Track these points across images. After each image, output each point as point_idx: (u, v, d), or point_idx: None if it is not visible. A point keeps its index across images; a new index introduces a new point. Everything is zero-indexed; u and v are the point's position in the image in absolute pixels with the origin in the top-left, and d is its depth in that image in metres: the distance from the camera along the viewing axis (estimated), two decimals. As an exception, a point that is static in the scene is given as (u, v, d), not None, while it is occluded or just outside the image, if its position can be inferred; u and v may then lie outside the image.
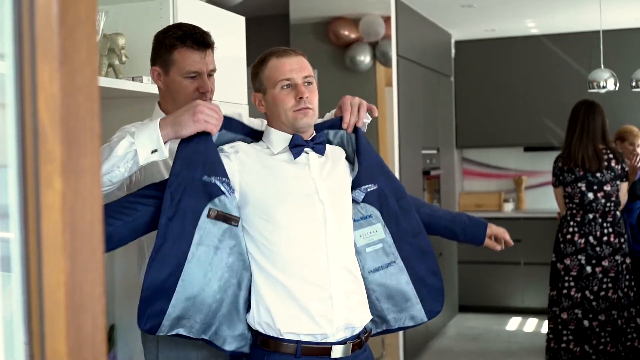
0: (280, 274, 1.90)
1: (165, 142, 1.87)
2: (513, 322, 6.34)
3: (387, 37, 4.99)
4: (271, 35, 5.24)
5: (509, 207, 6.86)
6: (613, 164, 4.44)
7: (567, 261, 4.46)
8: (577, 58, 6.49)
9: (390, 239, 2.06)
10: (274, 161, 1.98)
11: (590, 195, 4.43)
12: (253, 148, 2.01)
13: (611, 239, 4.41)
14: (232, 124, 2.04)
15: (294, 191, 1.95)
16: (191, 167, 1.87)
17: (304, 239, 1.93)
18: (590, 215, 4.44)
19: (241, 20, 3.09)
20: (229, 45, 3.00)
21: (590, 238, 4.42)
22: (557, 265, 4.52)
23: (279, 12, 5.34)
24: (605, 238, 4.41)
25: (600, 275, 4.39)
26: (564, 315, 4.45)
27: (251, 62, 2.10)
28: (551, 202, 6.16)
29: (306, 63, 2.02)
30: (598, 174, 4.42)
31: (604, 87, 4.69)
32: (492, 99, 6.83)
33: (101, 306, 0.81)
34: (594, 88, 4.72)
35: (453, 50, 6.87)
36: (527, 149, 6.90)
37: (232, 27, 3.04)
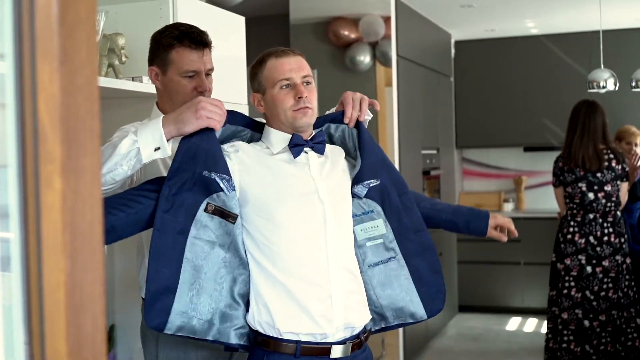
0: (280, 274, 1.90)
1: (168, 140, 1.87)
2: (513, 322, 6.35)
3: (387, 37, 4.99)
4: (271, 35, 5.24)
5: (508, 207, 6.86)
6: (614, 164, 4.44)
7: (568, 261, 4.46)
8: (577, 58, 6.49)
9: (392, 234, 2.06)
10: (274, 161, 1.98)
11: (591, 195, 4.43)
12: (253, 148, 2.02)
13: (611, 239, 4.41)
14: (236, 117, 2.05)
15: (294, 191, 1.95)
16: (192, 162, 1.88)
17: (304, 238, 1.93)
18: (590, 215, 4.44)
19: (241, 20, 3.09)
20: (229, 45, 3.00)
21: (591, 238, 4.42)
22: (557, 265, 4.52)
23: (279, 12, 5.34)
24: (605, 238, 4.41)
25: (601, 276, 4.39)
26: (565, 315, 4.45)
27: (251, 62, 2.10)
28: (551, 202, 6.16)
29: (304, 63, 2.02)
30: (599, 174, 4.42)
31: (603, 87, 4.69)
32: (492, 99, 6.83)
33: (101, 306, 0.81)
34: (593, 88, 4.72)
35: (453, 50, 6.87)
36: (527, 149, 6.90)
37: (232, 27, 3.05)
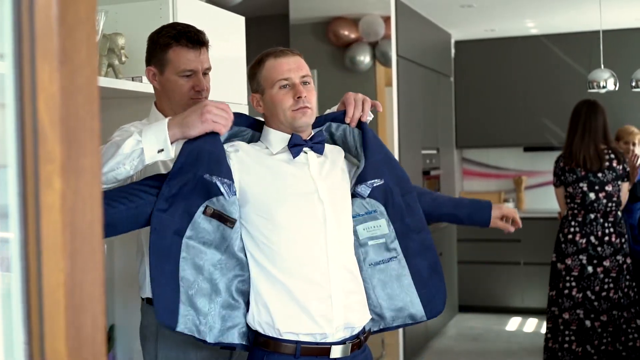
0: (280, 273, 1.90)
1: (172, 143, 1.87)
2: (513, 322, 6.35)
3: (387, 37, 4.99)
4: (271, 35, 5.24)
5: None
6: (614, 164, 4.44)
7: (569, 261, 4.46)
8: (577, 58, 6.49)
9: (394, 234, 2.06)
10: (273, 161, 1.98)
11: (592, 195, 4.43)
12: (252, 148, 2.01)
13: (612, 239, 4.41)
14: (241, 118, 2.04)
15: (293, 190, 1.95)
16: (194, 164, 1.87)
17: (304, 238, 1.93)
18: (591, 215, 4.44)
19: (241, 20, 3.09)
20: (229, 45, 3.00)
21: (592, 238, 4.42)
22: (558, 265, 4.52)
23: (279, 12, 5.34)
24: (606, 238, 4.41)
25: (602, 276, 4.39)
26: (566, 316, 4.45)
27: (251, 62, 2.10)
28: (551, 202, 6.16)
29: (303, 63, 2.02)
30: (600, 174, 4.42)
31: (604, 87, 4.69)
32: (492, 99, 6.83)
33: (101, 306, 0.81)
34: (594, 88, 4.72)
35: (453, 50, 6.87)
36: (527, 149, 6.90)
37: (232, 27, 3.04)
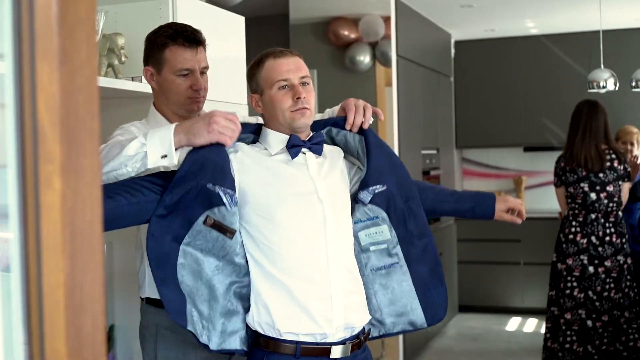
0: (280, 273, 1.90)
1: (177, 149, 1.85)
2: (513, 322, 6.35)
3: (387, 37, 4.99)
4: (271, 35, 5.24)
5: (508, 207, 6.85)
6: (616, 164, 4.44)
7: (570, 261, 4.45)
8: (577, 58, 6.49)
9: (396, 240, 2.05)
10: (272, 162, 1.98)
11: (593, 195, 4.43)
12: (252, 149, 2.01)
13: (613, 239, 4.41)
14: (247, 127, 2.03)
15: (293, 190, 1.95)
16: (198, 173, 1.85)
17: (304, 238, 1.93)
18: (592, 216, 4.44)
19: (241, 20, 3.09)
20: (229, 45, 3.00)
21: (593, 238, 4.42)
22: (558, 266, 4.52)
23: (279, 12, 5.34)
24: (607, 238, 4.41)
25: (603, 276, 4.39)
26: (568, 316, 4.44)
27: (251, 62, 2.10)
28: (551, 202, 6.16)
29: (302, 63, 2.01)
30: (601, 174, 4.42)
31: (603, 87, 4.69)
32: (492, 99, 6.83)
33: (101, 306, 0.81)
34: (594, 88, 4.72)
35: (453, 51, 6.87)
36: (527, 149, 6.90)
37: (232, 27, 3.04)
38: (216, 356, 2.11)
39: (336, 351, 1.92)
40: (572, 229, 4.47)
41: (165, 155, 1.84)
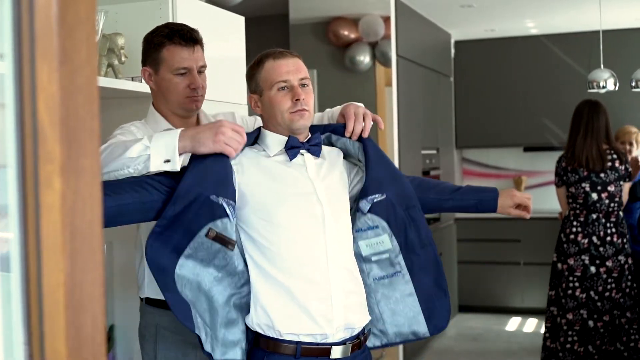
0: (280, 274, 1.90)
1: (181, 155, 1.84)
2: (513, 322, 6.35)
3: (387, 37, 4.99)
4: (271, 36, 5.23)
5: (508, 207, 6.84)
6: (617, 164, 4.44)
7: (571, 261, 4.45)
8: (577, 58, 6.49)
9: (398, 249, 2.05)
10: (271, 163, 1.98)
11: (594, 195, 4.43)
12: (250, 150, 2.01)
13: (614, 239, 4.41)
14: (250, 135, 2.02)
15: (292, 191, 1.95)
16: (202, 184, 1.85)
17: (304, 238, 1.93)
18: (593, 216, 4.44)
19: (241, 20, 3.09)
20: (229, 45, 3.00)
21: (594, 238, 4.42)
22: (559, 266, 4.51)
23: (279, 12, 5.34)
24: (608, 238, 4.41)
25: (605, 276, 4.39)
26: (569, 316, 4.44)
27: (250, 62, 2.10)
28: (551, 202, 6.16)
29: (302, 65, 2.01)
30: (602, 175, 4.42)
31: (603, 87, 4.68)
32: (492, 99, 6.83)
33: (101, 306, 0.81)
34: (593, 88, 4.71)
35: (453, 51, 6.87)
36: (527, 149, 6.90)
37: (232, 27, 3.04)
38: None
39: (336, 351, 1.92)
40: (573, 229, 4.47)
41: (169, 160, 1.83)
